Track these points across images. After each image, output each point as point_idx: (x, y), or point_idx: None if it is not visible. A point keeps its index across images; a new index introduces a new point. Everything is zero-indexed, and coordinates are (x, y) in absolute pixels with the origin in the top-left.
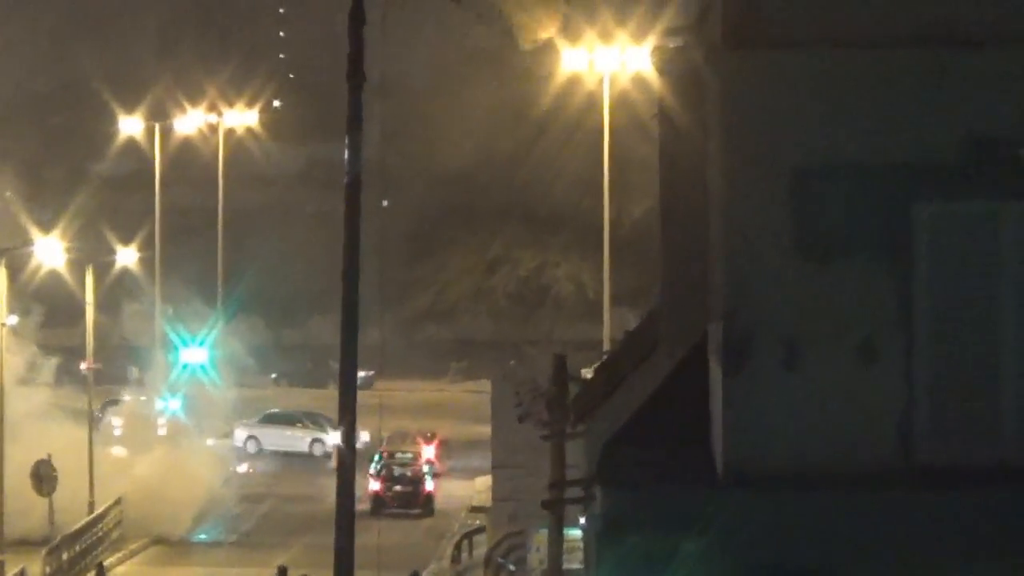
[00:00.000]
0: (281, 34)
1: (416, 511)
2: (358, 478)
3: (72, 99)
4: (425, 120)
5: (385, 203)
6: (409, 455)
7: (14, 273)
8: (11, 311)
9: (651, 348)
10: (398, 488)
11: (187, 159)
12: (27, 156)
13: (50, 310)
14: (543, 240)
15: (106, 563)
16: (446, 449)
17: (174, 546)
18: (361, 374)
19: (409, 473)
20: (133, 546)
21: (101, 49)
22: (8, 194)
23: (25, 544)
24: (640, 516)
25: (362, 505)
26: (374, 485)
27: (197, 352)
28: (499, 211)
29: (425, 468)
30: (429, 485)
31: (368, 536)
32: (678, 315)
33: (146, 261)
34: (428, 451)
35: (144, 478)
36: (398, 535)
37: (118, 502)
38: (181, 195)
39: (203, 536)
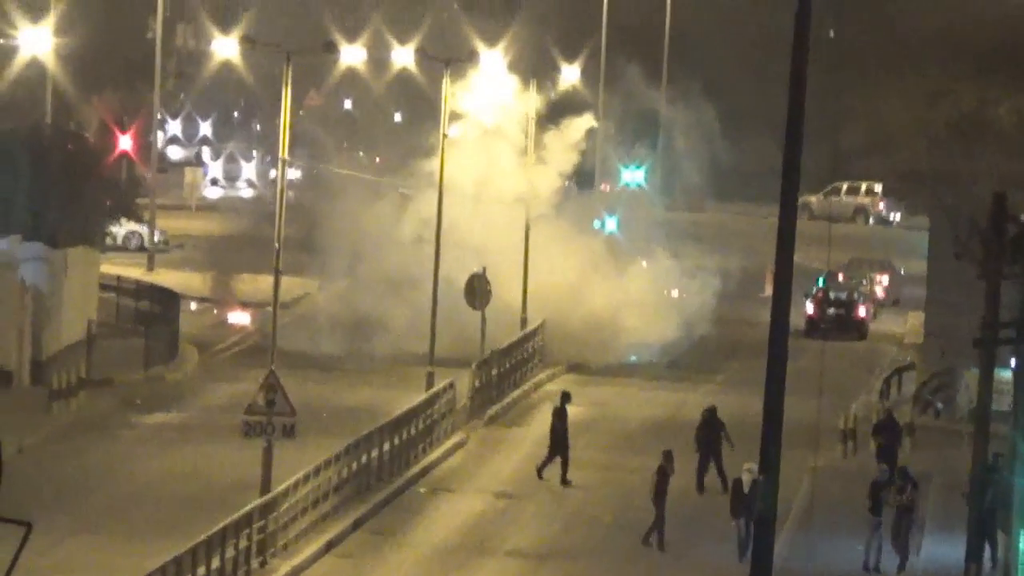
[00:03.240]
0: None
1: (849, 335)
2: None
3: None
4: None
5: (832, 34)
6: (863, 282)
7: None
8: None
9: None
10: (832, 311)
11: None
12: None
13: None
14: (986, 74)
15: (535, 380)
16: (893, 281)
17: (597, 370)
18: None
19: (844, 297)
20: (555, 369)
21: None
22: (455, 6)
23: (456, 363)
24: None
25: (797, 326)
26: (809, 307)
27: (635, 172)
28: (943, 44)
29: (857, 295)
30: (863, 311)
31: (800, 360)
32: None
33: (588, 77)
34: (884, 280)
35: (576, 296)
36: (829, 360)
37: (543, 324)
38: (624, 12)
39: (633, 358)
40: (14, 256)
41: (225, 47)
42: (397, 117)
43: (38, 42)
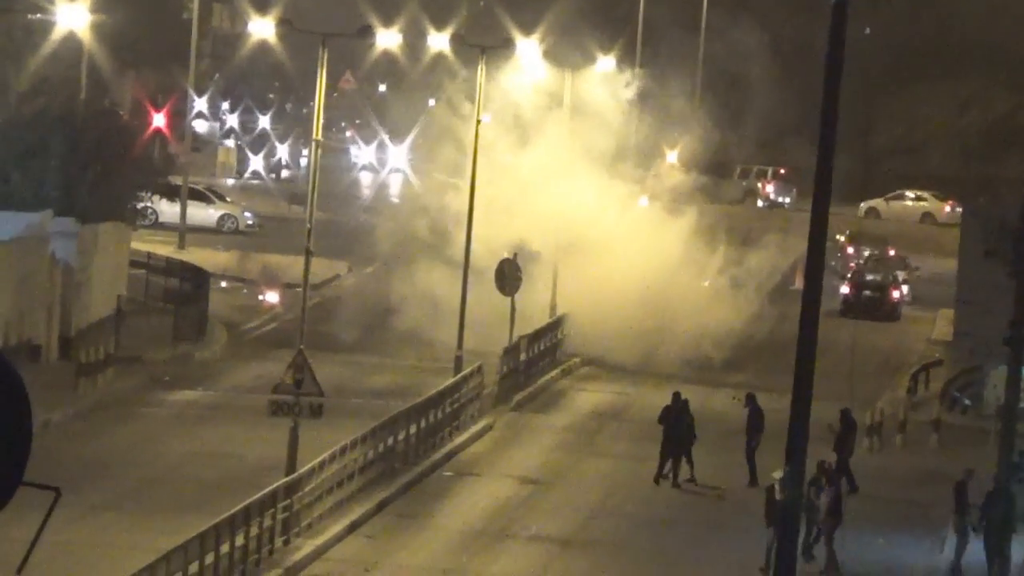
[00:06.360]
0: None
1: (882, 316)
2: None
3: None
4: None
5: (867, 31)
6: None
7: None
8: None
9: None
10: (867, 293)
11: None
12: None
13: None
14: (1019, 82)
15: (564, 366)
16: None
17: (613, 367)
18: None
19: (879, 278)
20: (573, 361)
21: None
22: None
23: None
24: None
25: (833, 306)
26: (845, 289)
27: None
28: (977, 51)
29: (891, 278)
30: (896, 294)
31: (829, 358)
32: None
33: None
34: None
35: (601, 289)
36: (857, 356)
37: (563, 318)
38: (659, 8)
39: (663, 350)
40: (45, 231)
41: (261, 28)
42: (431, 102)
43: (74, 18)
